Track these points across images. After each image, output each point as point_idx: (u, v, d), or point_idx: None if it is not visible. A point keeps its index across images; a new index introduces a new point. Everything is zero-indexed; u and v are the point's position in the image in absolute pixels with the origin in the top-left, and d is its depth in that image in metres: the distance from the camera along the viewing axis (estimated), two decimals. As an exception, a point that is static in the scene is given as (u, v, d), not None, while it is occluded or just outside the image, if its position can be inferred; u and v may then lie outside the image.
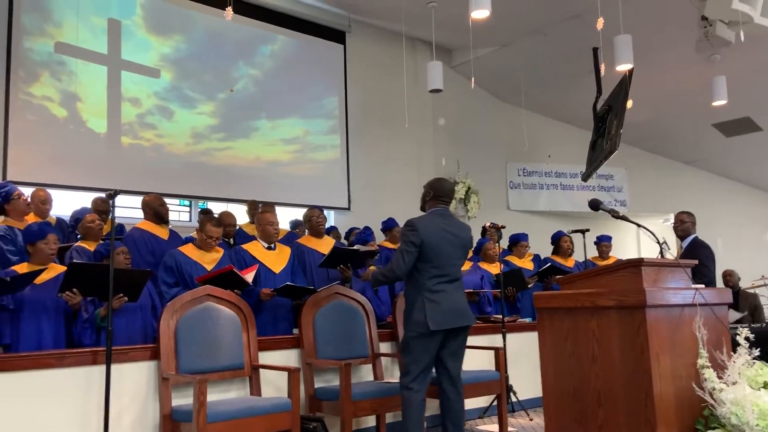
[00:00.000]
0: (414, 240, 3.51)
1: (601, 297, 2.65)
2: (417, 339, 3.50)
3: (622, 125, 7.05)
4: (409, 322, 3.56)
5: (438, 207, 3.74)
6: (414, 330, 3.50)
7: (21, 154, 6.12)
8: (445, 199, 3.77)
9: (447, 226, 3.65)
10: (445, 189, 3.79)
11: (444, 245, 3.57)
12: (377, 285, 3.89)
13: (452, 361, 3.65)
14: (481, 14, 5.65)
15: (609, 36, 6.49)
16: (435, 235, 3.55)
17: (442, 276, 3.55)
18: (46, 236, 3.74)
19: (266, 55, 8.08)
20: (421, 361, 3.52)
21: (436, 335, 3.50)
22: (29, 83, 6.29)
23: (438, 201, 3.75)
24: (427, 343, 3.50)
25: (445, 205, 3.77)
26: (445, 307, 3.52)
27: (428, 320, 3.45)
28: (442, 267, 3.55)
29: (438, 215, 3.69)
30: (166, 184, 6.86)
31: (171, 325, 3.58)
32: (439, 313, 3.49)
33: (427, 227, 3.57)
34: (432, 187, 3.79)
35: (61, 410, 3.18)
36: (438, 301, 3.50)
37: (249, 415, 3.30)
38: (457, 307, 3.59)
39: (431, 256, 3.53)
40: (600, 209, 3.11)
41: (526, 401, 5.23)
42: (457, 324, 3.56)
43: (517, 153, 9.99)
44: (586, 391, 2.69)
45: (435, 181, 3.84)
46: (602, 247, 6.79)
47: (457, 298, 3.62)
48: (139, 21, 7.09)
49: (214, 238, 4.46)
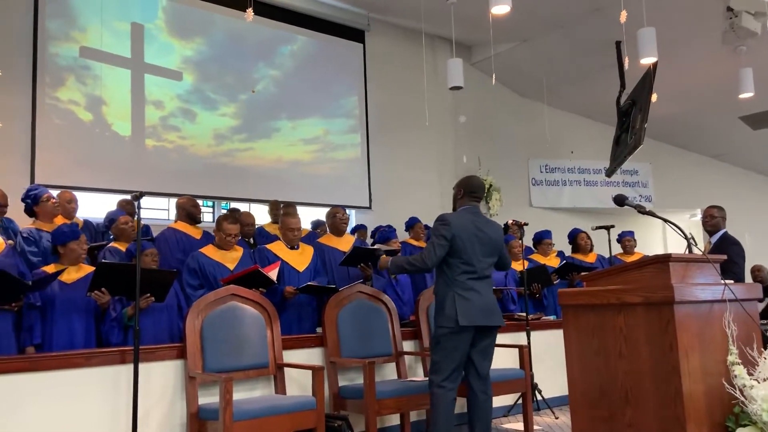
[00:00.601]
0: (445, 234, 3.53)
1: (628, 293, 2.61)
2: (448, 335, 3.49)
3: (646, 119, 6.95)
4: (439, 317, 3.56)
5: (469, 205, 3.75)
6: (445, 326, 3.50)
7: (48, 157, 6.23)
8: (476, 194, 3.79)
9: (479, 223, 3.67)
10: (475, 185, 3.81)
11: (474, 242, 3.58)
12: (399, 272, 3.86)
13: (482, 361, 3.64)
14: (502, 10, 5.61)
15: (632, 29, 6.39)
16: (466, 231, 3.57)
17: (471, 272, 3.56)
18: (79, 237, 3.81)
19: (286, 56, 8.12)
20: (453, 358, 3.51)
21: (467, 332, 3.49)
22: (55, 88, 6.40)
23: (470, 198, 3.77)
24: (458, 339, 3.49)
25: (476, 201, 3.80)
26: (476, 304, 3.52)
27: (459, 315, 3.45)
28: (471, 263, 3.56)
29: (470, 213, 3.71)
30: (189, 186, 6.93)
31: (197, 324, 3.62)
32: (470, 310, 3.49)
33: (459, 223, 3.59)
34: (462, 185, 3.81)
35: (90, 409, 3.23)
36: (469, 298, 3.51)
37: (274, 413, 3.32)
38: (488, 305, 3.60)
39: (461, 251, 3.54)
40: (625, 205, 3.06)
41: (552, 399, 5.18)
42: (487, 322, 3.56)
43: (539, 149, 9.91)
44: (614, 388, 2.65)
45: (464, 179, 3.87)
46: (625, 242, 6.71)
47: (488, 297, 3.62)
48: (161, 24, 7.18)
49: (233, 235, 4.50)
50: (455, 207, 3.83)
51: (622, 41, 7.18)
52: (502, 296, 5.75)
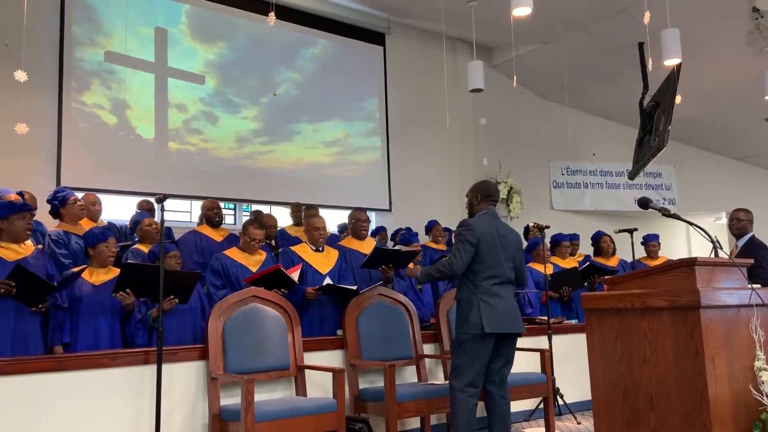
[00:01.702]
0: (471, 239, 3.51)
1: (653, 297, 2.58)
2: (471, 341, 3.48)
3: (670, 121, 6.86)
4: (463, 323, 3.53)
5: (488, 209, 3.73)
6: (469, 332, 3.48)
7: (73, 160, 6.34)
8: (492, 198, 3.78)
9: (499, 227, 3.66)
10: (491, 188, 3.80)
11: (497, 247, 3.57)
12: (428, 280, 3.86)
13: (502, 367, 3.62)
14: (523, 11, 5.59)
15: (655, 30, 6.33)
16: (489, 236, 3.56)
17: (495, 277, 3.54)
18: (108, 239, 3.87)
19: (307, 59, 8.17)
20: (475, 364, 3.49)
21: (490, 338, 3.47)
22: (81, 92, 6.51)
23: (488, 202, 3.75)
24: (482, 345, 3.47)
25: (494, 205, 3.78)
26: (500, 310, 3.50)
27: (484, 322, 3.43)
28: (495, 268, 3.54)
29: (490, 217, 3.69)
30: (211, 188, 7.01)
31: (218, 326, 3.65)
32: (495, 316, 3.47)
33: (483, 227, 3.57)
34: (477, 190, 3.79)
35: (115, 408, 3.28)
36: (493, 304, 3.49)
37: (295, 415, 3.33)
38: (511, 311, 3.58)
39: (485, 256, 3.53)
40: (650, 207, 3.02)
41: (574, 404, 5.13)
42: (511, 329, 3.54)
43: (560, 151, 9.84)
44: (638, 393, 2.62)
45: (479, 184, 3.85)
46: (650, 246, 6.62)
47: (510, 302, 3.61)
48: (185, 29, 7.27)
49: (258, 240, 4.54)
50: (472, 213, 3.78)
51: (645, 42, 7.11)
52: (518, 299, 5.71)
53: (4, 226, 3.56)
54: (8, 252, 3.55)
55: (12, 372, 3.04)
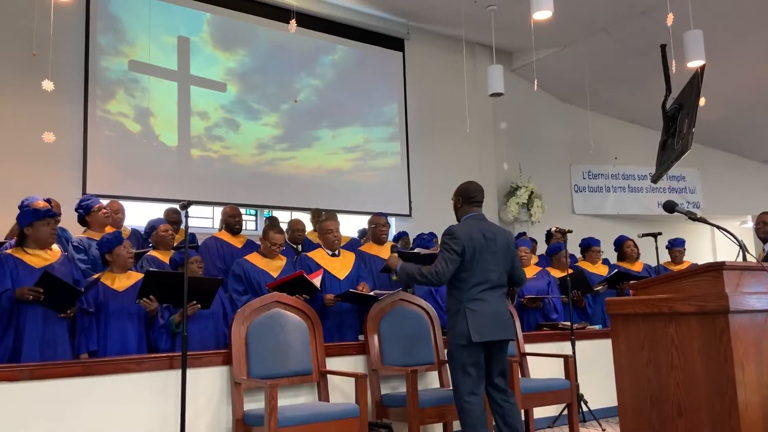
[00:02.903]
0: (455, 248, 3.43)
1: (679, 302, 2.54)
2: (461, 351, 3.43)
3: (694, 124, 6.77)
4: (451, 333, 3.50)
5: (472, 212, 3.65)
6: (458, 341, 3.44)
7: (99, 168, 6.44)
8: (476, 199, 3.67)
9: (486, 231, 3.55)
10: (472, 190, 3.68)
11: (483, 251, 3.48)
12: (407, 280, 3.77)
13: (499, 374, 3.56)
14: (544, 15, 5.56)
15: (678, 32, 6.26)
16: (475, 241, 3.47)
17: (483, 283, 3.47)
18: (122, 242, 3.92)
19: (327, 66, 8.21)
20: (470, 372, 3.44)
21: (479, 346, 3.42)
22: (106, 100, 6.62)
23: (471, 204, 3.66)
24: (470, 354, 3.42)
25: (479, 207, 3.68)
26: (487, 316, 3.43)
27: (470, 331, 3.37)
28: (481, 274, 3.46)
29: (475, 220, 3.60)
30: (233, 194, 7.06)
31: (241, 331, 3.68)
32: (481, 324, 3.40)
33: (467, 233, 3.48)
34: (459, 193, 3.70)
35: (141, 412, 3.32)
36: (479, 311, 3.42)
37: (318, 420, 3.34)
38: (499, 316, 3.49)
39: (472, 263, 3.45)
40: (676, 211, 2.98)
41: (598, 411, 5.07)
42: (499, 336, 3.47)
43: (581, 155, 9.76)
44: (665, 400, 2.58)
45: (460, 187, 3.74)
46: (675, 252, 6.52)
47: (499, 307, 3.51)
48: (206, 37, 7.36)
49: (278, 245, 4.57)
50: (459, 217, 3.72)
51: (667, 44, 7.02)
52: (543, 305, 5.66)
53: (30, 232, 3.62)
54: (35, 259, 3.61)
55: (41, 377, 3.09)
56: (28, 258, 3.59)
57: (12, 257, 3.55)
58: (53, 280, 3.39)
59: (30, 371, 3.08)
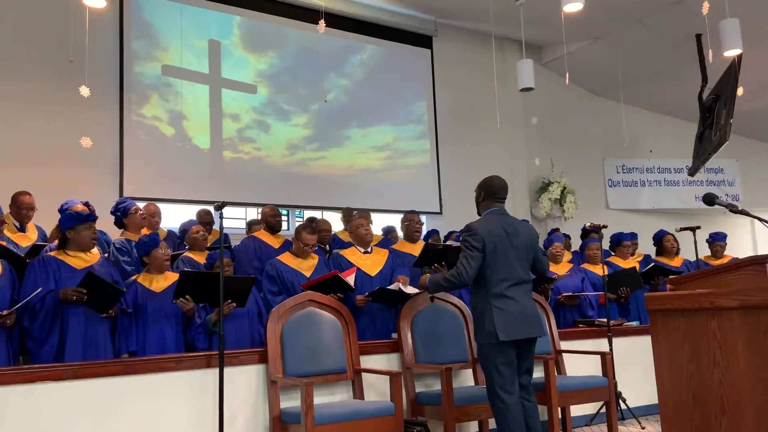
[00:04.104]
0: (476, 244, 3.38)
1: (722, 297, 2.47)
2: (490, 350, 3.38)
3: (732, 114, 6.60)
4: (479, 332, 3.45)
5: (494, 207, 3.59)
6: (487, 341, 3.39)
7: (134, 171, 6.57)
8: (499, 195, 3.62)
9: (507, 226, 3.49)
10: (496, 185, 3.63)
11: (506, 247, 3.42)
12: (437, 291, 3.72)
13: (524, 373, 3.51)
14: (574, 7, 5.49)
15: (714, 21, 6.11)
16: (496, 237, 3.41)
17: (507, 280, 3.40)
18: (159, 244, 3.99)
19: (356, 65, 8.24)
20: (502, 371, 3.39)
21: (508, 345, 3.37)
22: (141, 105, 6.75)
23: (493, 199, 3.61)
24: (500, 353, 3.37)
25: (501, 202, 3.62)
26: (514, 315, 3.37)
27: (498, 330, 3.32)
28: (505, 270, 3.40)
29: (496, 215, 3.55)
30: (264, 195, 7.14)
31: (277, 330, 3.71)
32: (509, 322, 3.34)
33: (487, 229, 3.43)
34: (482, 187, 3.65)
35: (180, 410, 3.37)
36: (506, 309, 3.36)
37: (354, 418, 3.35)
38: (527, 314, 3.43)
39: (494, 260, 3.39)
40: (716, 204, 2.90)
41: (637, 409, 4.98)
42: (527, 335, 3.41)
43: (615, 149, 9.60)
44: (708, 397, 2.52)
45: (484, 181, 3.69)
46: (716, 246, 6.35)
47: (526, 304, 3.45)
48: (237, 40, 7.44)
49: (310, 245, 4.59)
50: (480, 211, 3.67)
51: (703, 34, 6.86)
52: (579, 302, 5.58)
53: (72, 236, 3.71)
54: (77, 260, 3.71)
55: (83, 376, 3.17)
56: (69, 260, 3.68)
57: (55, 259, 3.65)
58: (96, 280, 3.47)
59: (73, 370, 3.15)
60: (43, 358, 3.44)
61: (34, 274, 3.55)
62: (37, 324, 3.46)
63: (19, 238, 4.66)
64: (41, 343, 3.46)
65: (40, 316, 3.47)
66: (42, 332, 3.47)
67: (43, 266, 3.59)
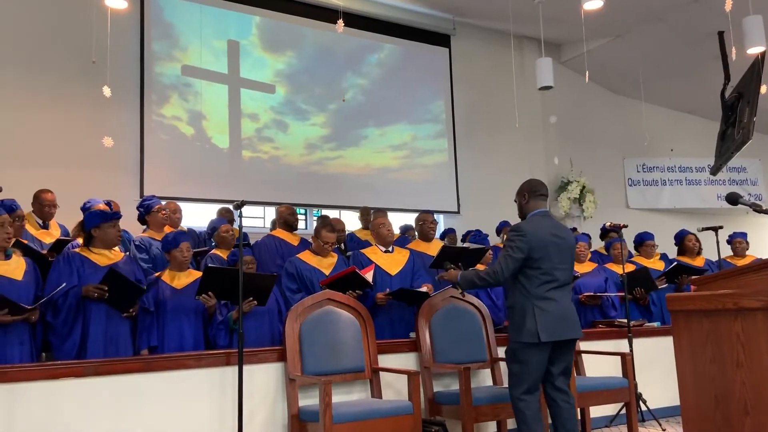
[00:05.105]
0: (521, 246, 3.37)
1: (745, 298, 2.44)
2: (526, 349, 3.36)
3: (755, 113, 6.50)
4: (518, 331, 3.42)
5: (539, 207, 3.59)
6: (524, 340, 3.36)
7: (155, 171, 6.64)
8: (541, 192, 3.62)
9: (552, 228, 3.49)
10: (536, 185, 3.64)
11: (552, 249, 3.41)
12: (470, 287, 3.71)
13: (562, 373, 3.48)
14: (595, 5, 5.44)
15: (737, 17, 6.02)
16: (544, 239, 3.40)
17: (551, 282, 3.39)
18: (179, 245, 4.03)
19: (373, 64, 8.24)
20: (532, 372, 3.37)
21: (546, 346, 3.35)
22: (161, 105, 6.82)
23: (537, 199, 3.60)
24: (537, 353, 3.35)
25: (544, 201, 3.63)
26: (555, 315, 3.35)
27: (540, 330, 3.29)
28: (551, 272, 3.39)
29: (542, 217, 3.55)
30: (282, 194, 7.17)
31: (295, 328, 3.73)
32: (550, 323, 3.33)
33: (535, 231, 3.42)
34: (524, 190, 3.64)
35: (199, 407, 3.40)
36: (548, 310, 3.34)
37: (372, 417, 3.35)
38: (568, 315, 3.42)
39: (540, 261, 3.38)
40: (739, 203, 2.85)
41: (658, 410, 4.93)
42: (567, 335, 3.39)
43: (635, 148, 9.50)
44: (731, 399, 2.49)
45: (525, 184, 3.69)
46: (737, 244, 6.27)
47: (566, 305, 3.44)
48: (255, 40, 7.49)
49: (330, 243, 4.61)
50: (523, 214, 3.65)
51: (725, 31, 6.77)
52: (601, 302, 5.53)
53: (97, 234, 3.76)
54: (100, 258, 3.75)
55: (104, 373, 3.21)
56: (94, 257, 3.73)
57: (79, 255, 3.70)
58: (118, 277, 3.51)
59: (95, 367, 3.20)
60: (65, 353, 3.49)
61: (58, 270, 3.60)
62: (60, 319, 3.51)
63: (43, 235, 4.74)
64: (64, 338, 3.52)
65: (63, 311, 3.52)
66: (64, 328, 3.52)
67: (68, 262, 3.64)
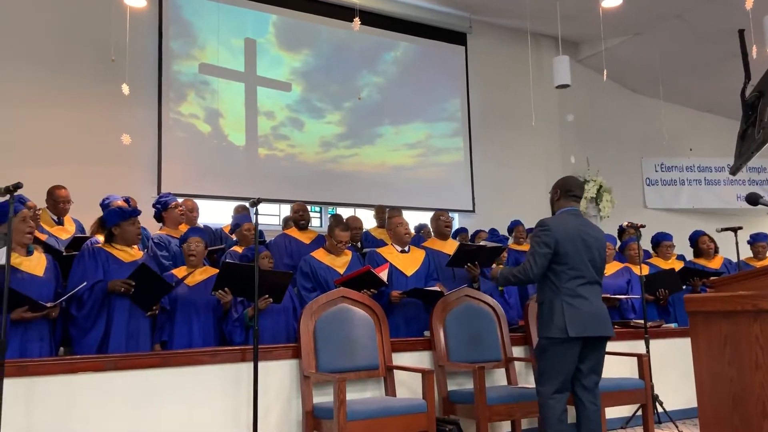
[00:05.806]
0: (547, 241, 3.35)
1: (764, 299, 2.41)
2: (555, 345, 3.33)
3: (776, 112, 6.40)
4: (546, 327, 3.39)
5: (569, 206, 3.56)
6: (553, 335, 3.34)
7: (172, 167, 6.70)
8: (574, 194, 3.57)
9: (581, 225, 3.46)
10: (572, 184, 3.60)
11: (579, 246, 3.38)
12: (505, 284, 3.72)
13: (590, 374, 3.45)
14: (613, 2, 5.40)
15: (758, 15, 5.94)
16: (570, 235, 3.37)
17: (579, 278, 3.37)
18: (188, 238, 4.07)
19: (389, 62, 8.24)
20: (561, 369, 3.34)
21: (575, 342, 3.32)
22: (178, 103, 6.87)
23: (569, 198, 3.56)
24: (566, 350, 3.32)
25: (576, 201, 3.58)
26: (586, 312, 3.32)
27: (568, 326, 3.27)
28: (579, 269, 3.36)
29: (571, 215, 3.51)
30: (298, 192, 7.21)
31: (310, 326, 3.74)
32: (580, 319, 3.30)
33: (561, 227, 3.40)
34: (558, 186, 3.62)
35: (215, 403, 3.43)
36: (578, 307, 3.31)
37: (386, 414, 3.36)
38: (598, 313, 3.38)
39: (567, 257, 3.35)
40: (759, 204, 2.83)
41: (675, 412, 4.88)
42: (598, 333, 3.35)
43: (653, 147, 9.41)
44: (749, 402, 2.46)
45: (560, 180, 3.67)
46: (758, 247, 6.17)
47: (597, 304, 3.41)
48: (272, 39, 7.52)
49: (344, 242, 4.62)
50: (554, 210, 3.63)
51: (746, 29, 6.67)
52: (620, 304, 5.48)
53: (117, 232, 3.78)
54: (123, 254, 3.78)
55: (123, 367, 3.25)
56: (117, 253, 3.76)
57: (104, 251, 3.73)
58: (148, 272, 3.53)
59: (114, 362, 3.24)
60: (86, 346, 3.52)
61: (83, 264, 3.62)
62: (84, 313, 3.54)
63: (58, 231, 4.80)
64: (86, 331, 3.54)
65: (88, 305, 3.55)
66: (87, 321, 3.55)
67: (93, 256, 3.66)
